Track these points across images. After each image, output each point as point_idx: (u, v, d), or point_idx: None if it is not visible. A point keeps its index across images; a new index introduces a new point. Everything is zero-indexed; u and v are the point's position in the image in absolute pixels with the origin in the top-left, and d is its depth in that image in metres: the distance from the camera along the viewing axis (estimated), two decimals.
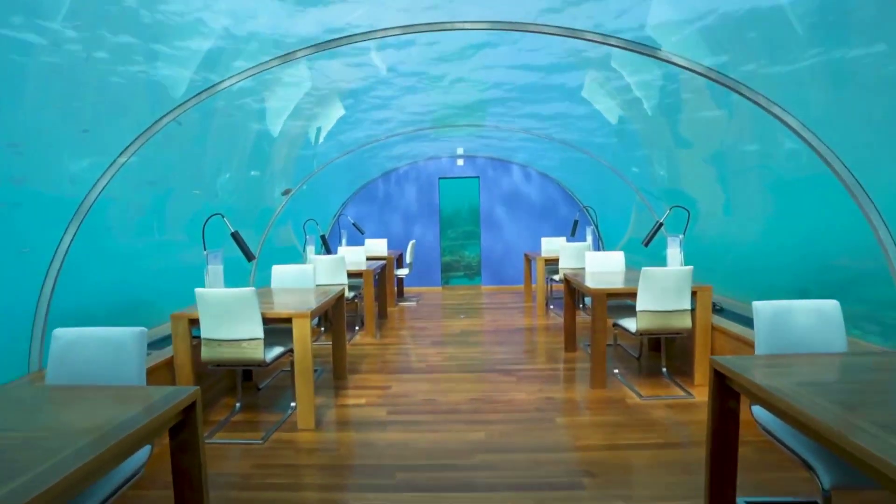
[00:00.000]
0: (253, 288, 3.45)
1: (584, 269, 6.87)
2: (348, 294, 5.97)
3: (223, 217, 4.08)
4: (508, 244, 9.63)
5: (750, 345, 3.85)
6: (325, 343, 5.82)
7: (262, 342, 3.46)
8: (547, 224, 9.58)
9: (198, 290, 3.46)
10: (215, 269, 4.00)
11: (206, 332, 3.51)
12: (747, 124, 4.96)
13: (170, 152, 4.68)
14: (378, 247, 8.70)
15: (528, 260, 8.15)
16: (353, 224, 8.32)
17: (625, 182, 7.67)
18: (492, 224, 9.62)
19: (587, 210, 9.18)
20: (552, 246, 8.25)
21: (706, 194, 6.60)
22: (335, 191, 9.19)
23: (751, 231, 6.63)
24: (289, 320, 3.60)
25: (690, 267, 4.12)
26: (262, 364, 3.48)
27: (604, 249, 8.00)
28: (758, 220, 6.62)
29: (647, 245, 4.92)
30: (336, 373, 4.67)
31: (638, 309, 4.12)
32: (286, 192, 6.79)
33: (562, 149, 8.15)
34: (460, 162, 9.57)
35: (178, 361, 3.66)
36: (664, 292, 4.09)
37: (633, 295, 4.24)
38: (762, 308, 2.47)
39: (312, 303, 3.86)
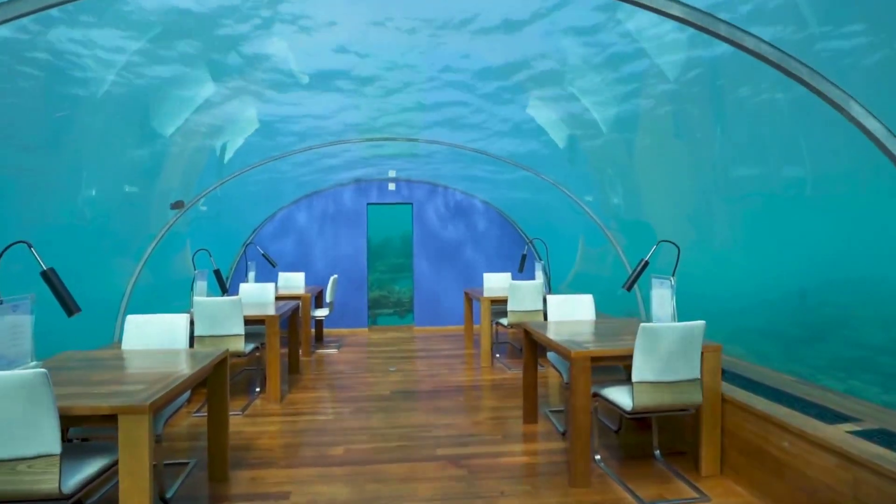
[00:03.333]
0: (42, 371, 2.03)
1: (536, 311, 5.82)
2: (246, 347, 4.55)
3: (30, 247, 2.63)
4: (445, 279, 8.47)
5: (778, 425, 2.86)
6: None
7: (56, 462, 2.03)
8: (489, 257, 8.53)
9: None
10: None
11: None
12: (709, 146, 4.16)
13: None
14: (294, 281, 7.29)
15: (469, 299, 7.02)
16: (263, 255, 6.88)
17: (575, 210, 6.78)
18: (426, 256, 8.44)
19: (532, 243, 8.22)
20: (496, 283, 7.18)
21: (669, 224, 5.80)
22: (245, 215, 7.71)
23: (723, 265, 5.87)
24: (112, 416, 2.21)
25: (702, 322, 3.11)
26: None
27: (550, 287, 7.04)
28: (729, 253, 5.86)
29: (630, 289, 3.90)
30: (212, 470, 3.24)
31: (635, 380, 3.04)
32: (176, 206, 5.32)
33: (501, 172, 7.18)
34: (392, 186, 8.38)
35: None
36: (670, 357, 3.04)
37: (624, 358, 3.18)
38: None
39: (154, 388, 2.47)
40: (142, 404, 2.19)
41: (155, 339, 3.34)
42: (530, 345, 4.16)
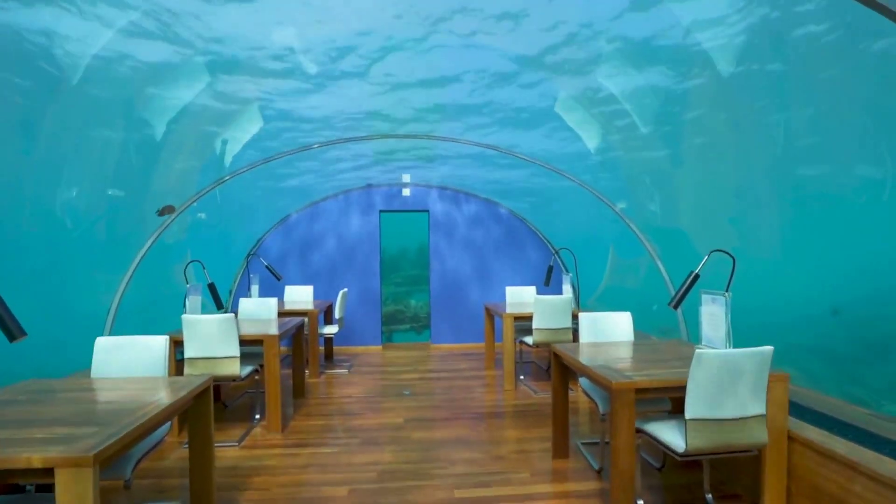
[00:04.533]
0: None
1: (565, 329, 5.31)
2: (242, 371, 4.13)
3: None
4: (464, 292, 7.98)
5: (851, 466, 2.34)
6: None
7: None
8: (512, 269, 8.03)
9: None
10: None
11: None
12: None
13: None
14: (301, 296, 6.88)
15: (491, 315, 6.53)
16: (267, 267, 6.49)
17: (605, 218, 6.27)
18: (444, 268, 7.98)
19: (559, 254, 7.70)
20: (520, 297, 6.68)
21: (708, 231, 5.27)
22: (249, 223, 7.35)
23: (771, 275, 5.30)
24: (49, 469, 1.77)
25: (769, 349, 2.58)
26: None
27: (578, 303, 6.50)
28: (779, 261, 5.30)
29: (677, 307, 3.38)
30: None
31: (689, 416, 2.53)
32: (164, 212, 4.95)
33: (527, 176, 6.71)
34: (406, 192, 7.96)
35: None
36: (731, 389, 2.53)
37: (675, 388, 2.67)
38: None
39: (108, 431, 2.03)
40: (84, 455, 1.76)
41: (129, 365, 2.92)
42: (560, 368, 3.66)
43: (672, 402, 3.57)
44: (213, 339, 3.98)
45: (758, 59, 3.24)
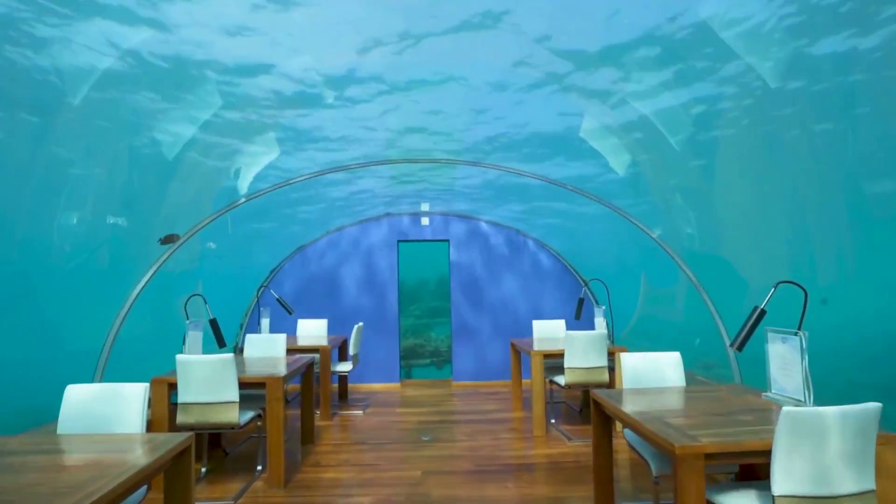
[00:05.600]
0: None
1: (600, 368, 4.79)
2: (242, 417, 3.70)
3: None
4: (488, 326, 7.49)
5: None
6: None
7: None
8: (538, 301, 7.53)
9: None
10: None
11: None
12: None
13: None
14: (315, 330, 6.49)
15: (517, 351, 6.02)
16: (279, 300, 6.11)
17: (638, 244, 5.79)
18: (466, 299, 7.51)
19: (589, 285, 7.19)
20: (548, 332, 6.17)
21: (753, 258, 4.75)
22: (261, 254, 7.02)
23: (830, 306, 4.74)
24: None
25: (876, 405, 2.06)
26: None
27: (612, 338, 5.97)
28: (840, 289, 4.75)
29: (741, 348, 2.87)
30: None
31: (779, 493, 2.01)
32: (168, 240, 4.63)
33: (551, 203, 6.28)
34: (426, 221, 7.57)
35: None
36: (831, 457, 2.01)
37: (755, 455, 2.16)
38: None
39: None
40: None
41: (102, 417, 2.51)
42: (600, 418, 3.15)
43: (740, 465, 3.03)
44: (209, 382, 3.57)
45: (809, 70, 2.80)
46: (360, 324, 6.02)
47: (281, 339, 4.87)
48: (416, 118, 4.16)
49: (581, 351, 4.79)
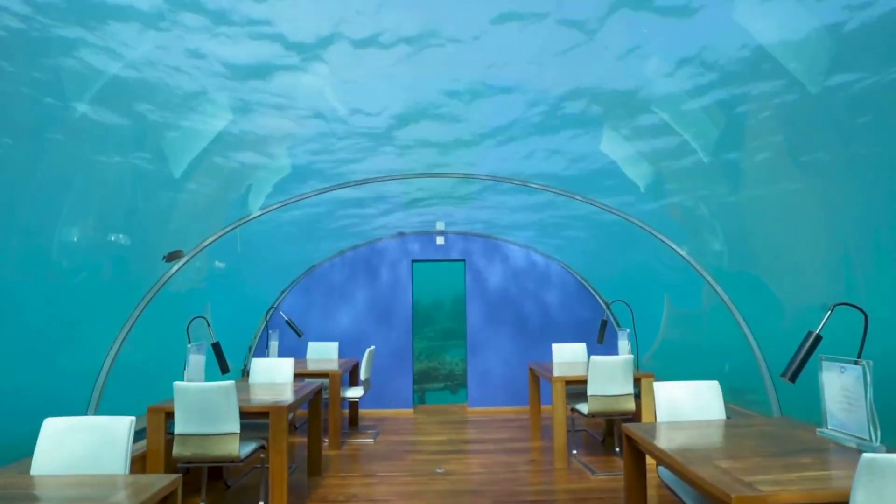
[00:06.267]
0: None
1: (626, 396, 4.48)
2: (243, 449, 3.44)
3: None
4: (504, 349, 7.19)
5: None
6: None
7: None
8: (557, 323, 7.21)
9: None
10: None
11: None
12: None
13: None
14: (326, 353, 6.24)
15: (535, 376, 5.71)
16: (288, 322, 5.89)
17: (662, 262, 5.50)
18: (482, 320, 7.23)
19: (611, 308, 6.88)
20: (569, 356, 5.86)
21: (787, 275, 4.43)
22: (271, 274, 6.82)
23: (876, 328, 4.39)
24: None
25: None
26: None
27: (639, 364, 5.63)
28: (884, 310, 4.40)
29: (794, 379, 2.57)
30: None
31: None
32: (172, 257, 4.43)
33: (569, 219, 6.02)
34: (440, 240, 7.34)
35: None
36: None
37: None
38: None
39: None
40: None
41: (83, 455, 2.27)
42: (633, 454, 2.85)
43: None
44: (208, 412, 3.32)
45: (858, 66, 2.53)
46: (372, 347, 5.76)
47: (288, 363, 4.63)
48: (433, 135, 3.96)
49: (606, 378, 4.48)
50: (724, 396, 4.89)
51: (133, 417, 2.35)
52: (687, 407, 3.04)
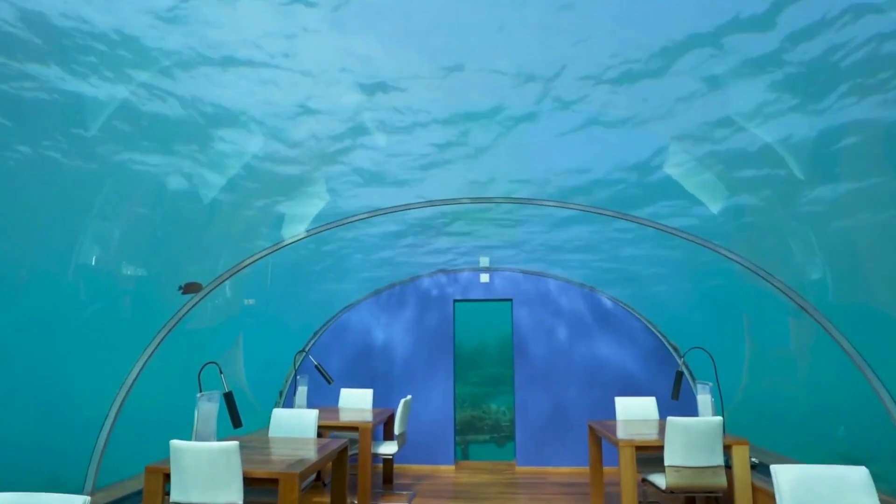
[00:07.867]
0: None
1: (715, 468, 3.66)
2: None
3: None
4: (558, 398, 6.40)
5: None
6: None
7: None
8: (619, 371, 6.39)
9: None
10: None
11: None
12: None
13: None
14: (358, 402, 5.65)
15: (596, 435, 4.91)
16: (317, 367, 5.35)
17: (748, 294, 4.73)
18: (532, 365, 6.49)
19: (684, 358, 6.03)
20: (635, 412, 5.05)
21: None
22: (303, 315, 6.35)
23: None
24: None
25: None
26: None
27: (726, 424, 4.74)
28: None
29: None
30: None
31: None
32: (189, 290, 4.01)
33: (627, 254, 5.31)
34: (485, 277, 6.72)
35: None
36: None
37: None
38: None
39: None
40: None
41: None
42: None
43: None
44: (207, 477, 2.76)
45: None
46: (409, 397, 5.13)
47: (311, 415, 4.06)
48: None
49: (689, 444, 3.68)
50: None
51: (87, 497, 1.81)
52: (822, 497, 2.26)
